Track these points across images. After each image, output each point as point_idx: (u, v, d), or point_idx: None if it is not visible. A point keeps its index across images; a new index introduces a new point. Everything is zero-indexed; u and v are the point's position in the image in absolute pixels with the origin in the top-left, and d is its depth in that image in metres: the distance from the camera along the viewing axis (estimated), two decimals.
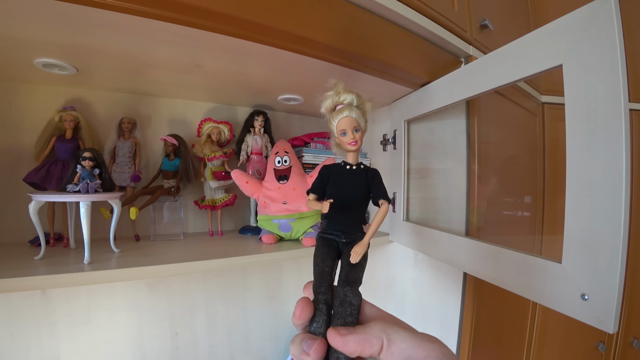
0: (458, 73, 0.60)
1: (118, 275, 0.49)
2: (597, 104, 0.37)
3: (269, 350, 0.92)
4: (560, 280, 0.41)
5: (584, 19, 0.38)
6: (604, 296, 0.36)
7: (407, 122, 0.76)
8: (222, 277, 0.84)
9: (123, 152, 0.72)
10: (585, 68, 0.38)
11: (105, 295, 0.72)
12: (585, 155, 0.39)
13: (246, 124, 0.81)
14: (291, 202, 0.67)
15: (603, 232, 0.36)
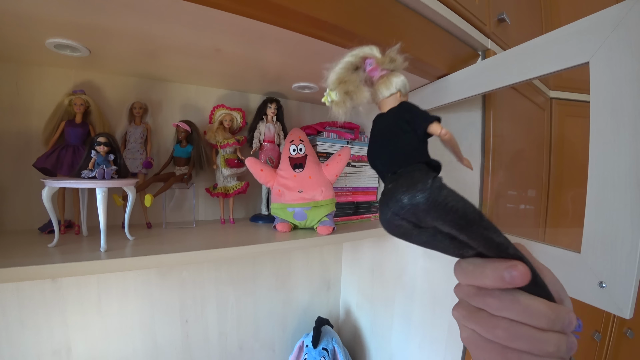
0: (478, 66, 0.59)
1: (134, 263, 0.48)
2: (623, 101, 0.38)
3: (278, 338, 0.94)
4: (579, 269, 0.42)
5: (613, 18, 0.38)
6: (622, 284, 0.38)
7: None
8: (233, 265, 0.85)
9: (134, 138, 0.71)
10: (613, 66, 0.38)
11: (117, 283, 0.72)
12: (609, 151, 0.40)
13: (259, 111, 0.80)
14: (307, 191, 0.67)
15: (624, 225, 0.38)
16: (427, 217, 0.21)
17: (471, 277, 0.24)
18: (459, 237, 0.22)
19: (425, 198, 0.20)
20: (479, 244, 0.22)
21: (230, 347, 0.86)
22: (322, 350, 0.81)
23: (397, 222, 0.22)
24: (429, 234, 0.23)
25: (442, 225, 0.21)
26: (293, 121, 0.92)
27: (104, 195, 0.51)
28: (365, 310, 0.97)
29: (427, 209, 0.20)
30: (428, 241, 0.23)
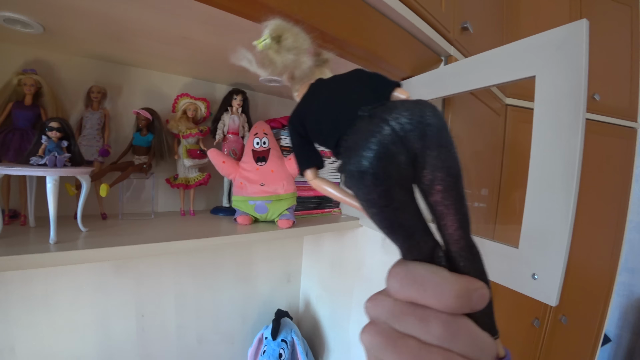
0: (439, 71, 0.63)
1: (87, 256, 0.46)
2: (561, 114, 0.42)
3: (238, 329, 0.94)
4: (516, 263, 0.47)
5: (559, 38, 0.42)
6: (550, 276, 0.43)
7: None
8: (193, 257, 0.83)
9: (91, 123, 0.67)
10: (555, 82, 0.42)
11: (67, 277, 0.69)
12: (546, 157, 0.44)
13: (224, 102, 0.79)
14: (269, 184, 0.68)
15: (555, 223, 0.42)
16: (435, 144, 0.16)
17: (419, 287, 0.18)
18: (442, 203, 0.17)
19: (442, 119, 0.17)
20: (455, 224, 0.18)
21: (189, 340, 0.85)
22: (281, 342, 0.83)
23: (395, 147, 0.16)
24: (407, 193, 0.17)
25: (441, 164, 0.16)
26: (259, 114, 0.91)
27: (55, 185, 0.48)
28: (324, 301, 0.99)
29: (443, 128, 0.16)
30: (399, 206, 0.17)
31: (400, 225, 0.18)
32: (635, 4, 1.37)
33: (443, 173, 0.16)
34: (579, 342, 1.45)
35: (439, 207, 0.18)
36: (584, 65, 0.39)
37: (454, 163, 0.17)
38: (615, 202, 1.39)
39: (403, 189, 0.17)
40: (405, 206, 0.17)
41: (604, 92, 1.23)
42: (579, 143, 0.40)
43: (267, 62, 0.22)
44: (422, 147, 0.16)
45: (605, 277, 1.43)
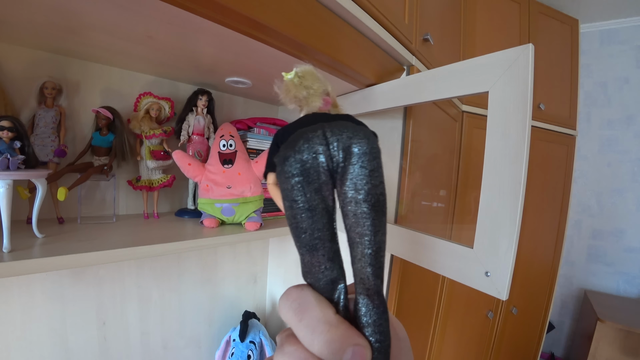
0: (402, 81, 0.66)
1: (46, 264, 0.43)
2: (510, 127, 0.47)
3: (204, 333, 0.93)
4: (471, 261, 0.51)
5: (509, 59, 0.47)
6: (501, 273, 0.48)
7: None
8: (156, 261, 0.81)
9: (45, 122, 0.63)
10: (505, 98, 0.48)
11: (19, 286, 0.64)
12: (497, 164, 0.49)
13: (189, 102, 0.78)
14: (235, 187, 0.68)
15: (504, 226, 0.47)
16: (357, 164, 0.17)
17: (297, 315, 0.17)
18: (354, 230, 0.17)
19: (376, 147, 0.17)
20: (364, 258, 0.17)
21: (154, 346, 0.83)
22: (249, 344, 0.83)
23: (320, 156, 0.17)
24: (321, 195, 0.17)
25: (358, 185, 0.17)
26: (224, 114, 0.91)
27: (8, 189, 0.45)
28: None
29: (370, 154, 0.17)
30: (308, 208, 0.17)
31: (304, 230, 0.17)
32: (576, 24, 1.53)
33: (359, 195, 0.17)
34: (528, 329, 1.58)
35: (351, 233, 0.18)
36: (530, 83, 0.45)
37: (373, 191, 0.17)
38: (557, 202, 1.53)
39: (317, 194, 0.17)
40: (314, 213, 0.17)
41: (548, 102, 1.36)
42: (525, 151, 0.45)
43: (284, 90, 0.27)
44: (345, 162, 0.17)
45: (549, 270, 1.57)
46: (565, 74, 1.48)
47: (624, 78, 1.94)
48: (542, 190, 1.45)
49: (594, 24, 1.97)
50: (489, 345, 1.42)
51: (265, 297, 1.11)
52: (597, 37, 2.00)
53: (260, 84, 0.80)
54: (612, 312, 1.69)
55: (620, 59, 1.94)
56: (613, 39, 1.96)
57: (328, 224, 0.18)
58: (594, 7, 1.81)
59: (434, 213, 1.01)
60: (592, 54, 2.01)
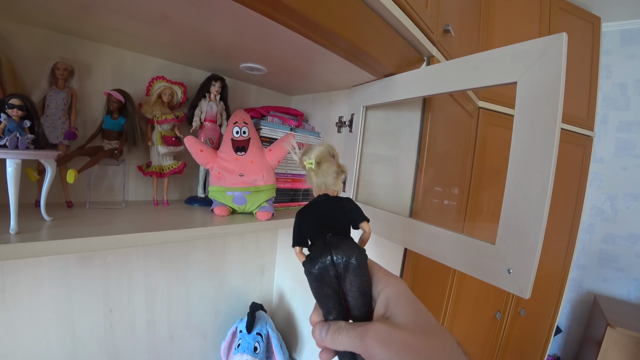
0: (424, 71, 0.64)
1: (53, 247, 0.42)
2: (539, 119, 0.44)
3: (210, 324, 0.92)
4: (492, 258, 0.49)
5: (540, 48, 0.45)
6: (524, 271, 0.45)
7: (366, 108, 0.79)
8: (164, 249, 0.80)
9: (56, 103, 0.62)
10: (535, 89, 0.45)
11: (26, 271, 0.63)
12: (524, 159, 0.47)
13: (202, 88, 0.76)
14: (248, 175, 0.66)
15: (530, 222, 0.45)
16: (351, 274, 0.29)
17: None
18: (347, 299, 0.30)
19: (363, 260, 0.29)
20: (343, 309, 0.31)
21: (160, 336, 0.82)
22: (256, 335, 0.82)
23: (329, 268, 0.29)
24: (332, 288, 0.29)
25: (352, 284, 0.29)
26: (237, 102, 0.89)
27: (17, 169, 0.44)
28: (298, 295, 0.99)
29: (359, 267, 0.29)
30: (325, 294, 0.30)
31: (323, 305, 0.30)
32: (598, 22, 1.48)
33: (353, 289, 0.29)
34: (535, 332, 1.55)
35: (351, 304, 0.30)
36: (562, 74, 0.42)
37: (362, 286, 0.29)
38: (571, 204, 1.50)
39: (329, 287, 0.29)
40: (327, 297, 0.30)
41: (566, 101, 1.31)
42: (554, 146, 0.42)
43: (307, 177, 0.35)
44: (345, 273, 0.29)
45: (559, 274, 1.54)
46: (584, 73, 1.44)
47: None
48: (556, 192, 1.39)
49: (616, 22, 1.90)
50: (496, 346, 1.40)
51: (272, 289, 1.10)
52: (619, 37, 1.94)
53: (276, 72, 0.78)
54: (622, 318, 1.66)
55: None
56: (635, 39, 1.90)
57: (336, 301, 0.30)
58: (617, 5, 1.75)
59: (445, 210, 0.98)
60: (612, 54, 1.95)
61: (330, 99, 0.89)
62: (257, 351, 0.80)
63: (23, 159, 0.45)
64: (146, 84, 0.72)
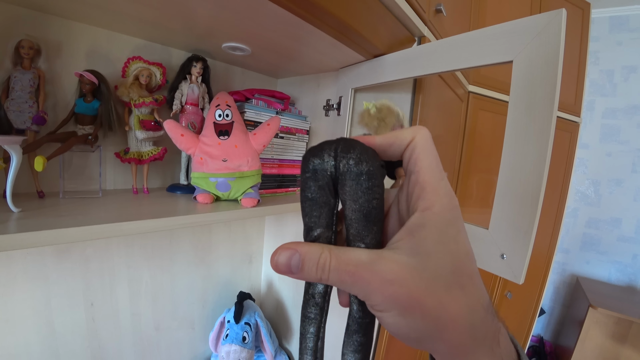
0: (415, 50, 0.62)
1: (24, 240, 0.38)
2: (536, 100, 0.43)
3: (197, 314, 0.90)
4: (486, 243, 0.48)
5: (537, 25, 0.42)
6: (518, 255, 0.45)
7: (354, 90, 0.77)
8: (147, 239, 0.77)
9: (21, 85, 0.57)
10: (532, 68, 0.43)
11: None
12: (519, 142, 0.45)
13: (182, 69, 0.72)
14: (232, 160, 0.63)
15: (524, 205, 0.44)
16: (355, 182, 0.20)
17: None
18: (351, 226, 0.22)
19: (376, 169, 0.21)
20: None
21: (145, 328, 0.80)
22: (244, 325, 0.80)
23: (328, 166, 0.21)
24: (322, 195, 0.22)
25: (354, 199, 0.21)
26: (220, 85, 0.85)
27: None
28: (287, 283, 0.98)
29: (368, 176, 0.20)
30: (312, 198, 0.22)
31: (307, 214, 0.22)
32: (587, 8, 1.47)
33: (355, 207, 0.21)
34: (520, 314, 1.59)
35: (348, 234, 0.22)
36: (561, 53, 0.40)
37: (369, 208, 0.20)
38: (557, 189, 1.52)
39: (322, 190, 0.22)
40: (316, 203, 0.22)
41: None
42: (551, 127, 0.41)
43: (359, 116, 0.32)
44: (344, 176, 0.21)
45: (545, 257, 1.57)
46: (572, 59, 1.44)
47: (631, 67, 1.90)
48: None
49: (605, 9, 1.91)
50: None
51: (260, 277, 1.08)
52: (607, 23, 1.95)
53: (260, 52, 0.74)
54: (603, 299, 1.71)
55: (630, 47, 1.89)
56: (623, 26, 1.91)
57: (326, 215, 0.22)
58: None
59: None
60: (600, 41, 1.96)
61: (318, 81, 0.86)
62: (246, 341, 0.79)
63: None
64: (121, 65, 0.67)
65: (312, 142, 0.87)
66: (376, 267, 0.18)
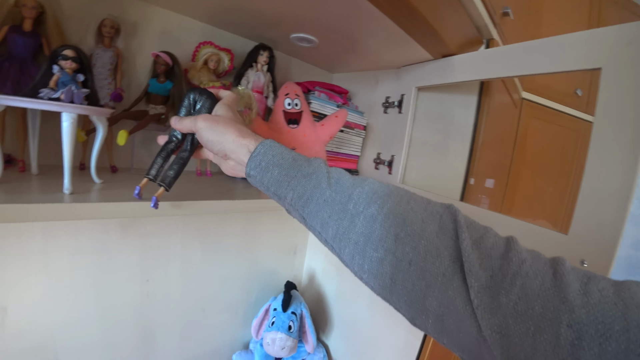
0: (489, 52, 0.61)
1: (109, 210, 0.40)
2: (626, 110, 0.42)
3: (241, 299, 0.91)
4: (564, 249, 0.46)
5: (629, 33, 0.41)
6: (601, 263, 0.43)
7: (418, 89, 0.76)
8: (203, 222, 0.78)
9: (102, 62, 0.59)
10: (623, 77, 0.42)
11: (67, 234, 0.62)
12: (607, 151, 0.44)
13: (249, 57, 0.73)
14: (300, 149, 0.63)
15: (610, 210, 0.42)
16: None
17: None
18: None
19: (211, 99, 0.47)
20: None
21: (193, 308, 0.81)
22: (291, 314, 0.81)
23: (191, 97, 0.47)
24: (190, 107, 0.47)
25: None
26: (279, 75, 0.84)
27: (73, 124, 0.41)
28: (331, 276, 0.97)
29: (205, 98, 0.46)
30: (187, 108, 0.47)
31: (180, 112, 0.47)
32: None
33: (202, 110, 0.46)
34: None
35: None
36: None
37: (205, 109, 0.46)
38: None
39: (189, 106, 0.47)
40: (186, 109, 0.47)
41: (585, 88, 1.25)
42: None
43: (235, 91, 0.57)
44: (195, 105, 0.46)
45: None
46: None
47: None
48: None
49: None
50: None
51: (302, 268, 1.08)
52: None
53: (327, 44, 0.74)
54: None
55: None
56: None
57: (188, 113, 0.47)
58: None
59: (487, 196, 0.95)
60: None
61: (377, 77, 0.85)
62: (291, 330, 0.79)
63: (79, 113, 0.42)
64: (192, 49, 0.68)
65: (368, 138, 0.86)
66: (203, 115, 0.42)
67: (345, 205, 0.30)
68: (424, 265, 0.24)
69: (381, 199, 0.29)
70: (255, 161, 0.36)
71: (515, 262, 0.22)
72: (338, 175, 0.34)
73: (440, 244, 0.25)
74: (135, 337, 0.75)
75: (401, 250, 0.25)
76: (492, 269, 0.22)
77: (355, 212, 0.29)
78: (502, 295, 0.21)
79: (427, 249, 0.25)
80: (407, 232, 0.26)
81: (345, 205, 0.30)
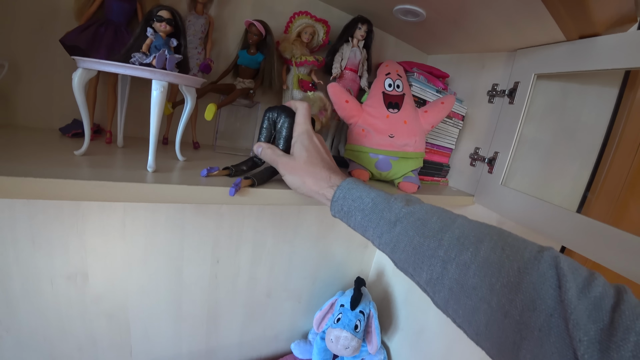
0: None
1: (193, 194, 0.36)
2: None
3: (306, 289, 0.88)
4: None
5: None
6: None
7: (537, 76, 0.64)
8: (278, 207, 0.75)
9: (194, 30, 0.56)
10: None
11: (145, 210, 0.62)
12: None
13: (345, 31, 0.65)
14: (399, 137, 0.56)
15: None
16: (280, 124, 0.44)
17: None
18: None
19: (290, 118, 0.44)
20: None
21: (258, 293, 0.80)
22: (358, 313, 0.76)
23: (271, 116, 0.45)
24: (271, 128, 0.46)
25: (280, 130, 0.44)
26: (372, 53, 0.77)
27: (163, 92, 0.37)
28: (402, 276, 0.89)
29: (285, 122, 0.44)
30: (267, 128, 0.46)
31: (261, 134, 0.46)
32: None
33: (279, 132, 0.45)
34: None
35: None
36: None
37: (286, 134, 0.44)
38: None
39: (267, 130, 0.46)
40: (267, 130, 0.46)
41: None
42: None
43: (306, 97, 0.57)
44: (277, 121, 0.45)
45: None
46: None
47: None
48: None
49: None
50: None
51: (371, 264, 1.03)
52: None
53: (434, 18, 0.64)
54: None
55: None
56: None
57: (268, 136, 0.45)
58: None
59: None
60: None
61: (483, 61, 0.74)
62: (357, 329, 0.74)
63: (171, 82, 0.38)
64: (285, 20, 0.62)
65: (465, 130, 0.76)
66: (282, 158, 0.42)
67: (435, 252, 0.30)
68: (520, 319, 0.23)
69: (473, 245, 0.28)
70: (337, 206, 0.38)
71: (628, 316, 0.20)
72: (424, 215, 0.33)
73: (537, 295, 0.23)
74: (201, 314, 0.75)
75: (496, 302, 0.25)
76: (603, 321, 0.20)
77: (447, 259, 0.29)
78: (612, 350, 0.19)
79: (524, 302, 0.24)
80: (502, 282, 0.25)
81: (435, 251, 0.30)
